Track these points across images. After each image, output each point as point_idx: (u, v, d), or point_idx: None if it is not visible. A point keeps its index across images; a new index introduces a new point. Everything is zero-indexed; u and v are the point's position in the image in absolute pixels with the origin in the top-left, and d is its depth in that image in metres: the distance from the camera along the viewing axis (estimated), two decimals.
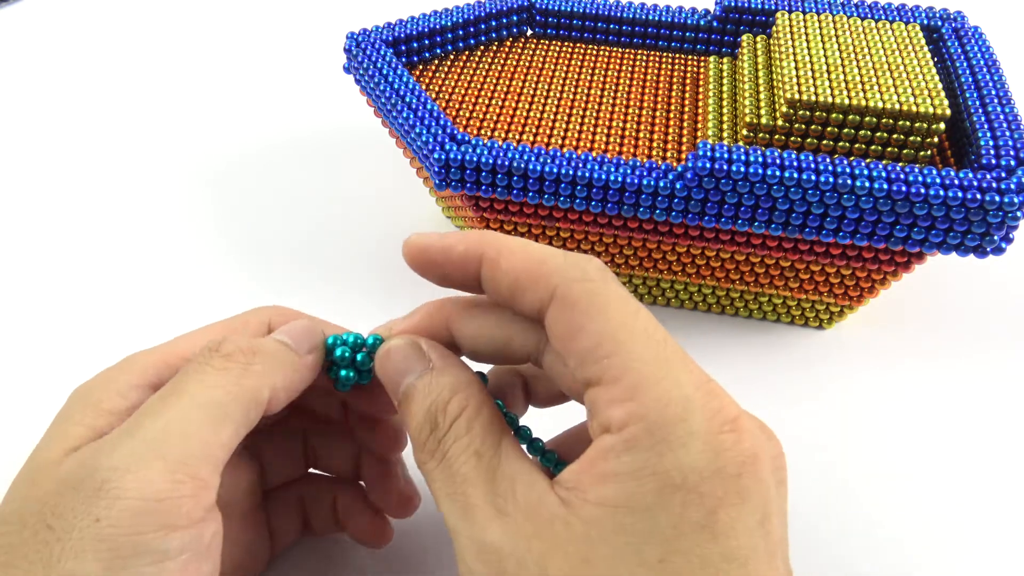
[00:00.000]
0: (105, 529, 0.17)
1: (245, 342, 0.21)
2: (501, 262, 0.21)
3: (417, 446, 0.21)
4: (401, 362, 0.22)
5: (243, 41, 0.61)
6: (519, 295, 0.20)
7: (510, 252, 0.21)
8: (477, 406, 0.21)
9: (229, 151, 0.50)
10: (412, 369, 0.22)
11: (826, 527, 0.30)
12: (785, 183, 0.29)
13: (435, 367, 0.21)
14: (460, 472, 0.20)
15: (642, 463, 0.18)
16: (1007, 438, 0.33)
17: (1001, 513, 0.30)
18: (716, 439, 0.18)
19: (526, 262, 0.20)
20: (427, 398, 0.21)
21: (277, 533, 0.26)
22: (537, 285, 0.20)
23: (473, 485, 0.19)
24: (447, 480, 0.20)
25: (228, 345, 0.21)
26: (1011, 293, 0.40)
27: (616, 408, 0.18)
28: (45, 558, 0.17)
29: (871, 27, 0.35)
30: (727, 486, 0.18)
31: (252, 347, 0.21)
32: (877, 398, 0.35)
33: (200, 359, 0.21)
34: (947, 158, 0.34)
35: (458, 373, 0.21)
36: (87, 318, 0.38)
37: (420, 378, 0.21)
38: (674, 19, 0.42)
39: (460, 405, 0.21)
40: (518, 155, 0.32)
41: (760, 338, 0.38)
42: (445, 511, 0.20)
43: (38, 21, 0.64)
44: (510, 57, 0.41)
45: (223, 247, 0.42)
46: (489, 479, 0.19)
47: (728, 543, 0.17)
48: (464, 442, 0.20)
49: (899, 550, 0.29)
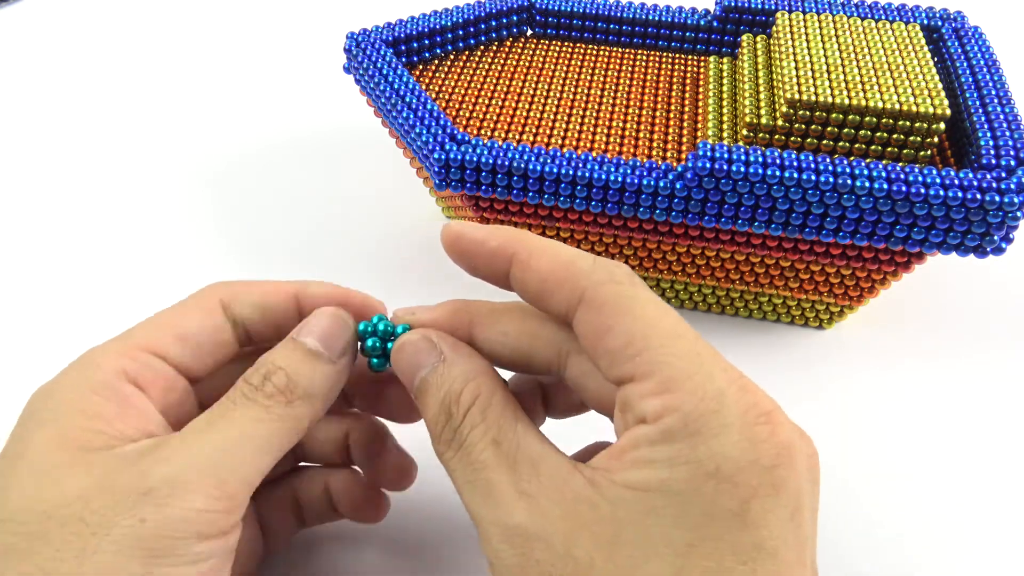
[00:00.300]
0: (148, 530, 0.18)
1: (281, 378, 0.22)
2: (531, 263, 0.21)
3: (434, 437, 0.21)
4: (413, 356, 0.22)
5: (243, 41, 0.62)
6: (547, 297, 0.21)
7: (540, 253, 0.21)
8: (489, 392, 0.21)
9: (229, 151, 0.50)
10: (424, 363, 0.22)
11: (826, 527, 0.30)
12: (785, 183, 0.29)
13: (446, 359, 0.22)
14: (479, 459, 0.20)
15: (676, 451, 0.18)
16: (1007, 438, 0.33)
17: (1001, 513, 0.30)
18: (751, 430, 0.18)
19: (555, 264, 0.21)
20: (440, 390, 0.21)
21: (271, 530, 0.26)
22: (565, 288, 0.20)
23: (494, 470, 0.20)
24: (466, 468, 0.20)
25: (269, 386, 0.21)
26: (1011, 293, 0.40)
27: (651, 401, 0.19)
28: (78, 549, 0.18)
29: (871, 27, 0.35)
30: (762, 477, 0.18)
31: (291, 384, 0.22)
32: (877, 398, 0.35)
33: (244, 393, 0.21)
34: (947, 158, 0.34)
35: (469, 362, 0.22)
36: (87, 318, 0.38)
37: (433, 371, 0.22)
38: (674, 19, 0.42)
39: (473, 393, 0.21)
40: (518, 155, 0.32)
41: (760, 338, 0.38)
42: (467, 499, 0.20)
43: (38, 21, 0.64)
44: (510, 57, 0.41)
45: (223, 247, 0.42)
46: (510, 463, 0.20)
47: (759, 533, 0.18)
48: (480, 429, 0.20)
49: (899, 550, 0.29)
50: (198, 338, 0.23)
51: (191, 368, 0.23)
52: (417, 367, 0.22)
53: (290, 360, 0.22)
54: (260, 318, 0.24)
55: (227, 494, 0.19)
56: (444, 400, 0.21)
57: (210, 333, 0.23)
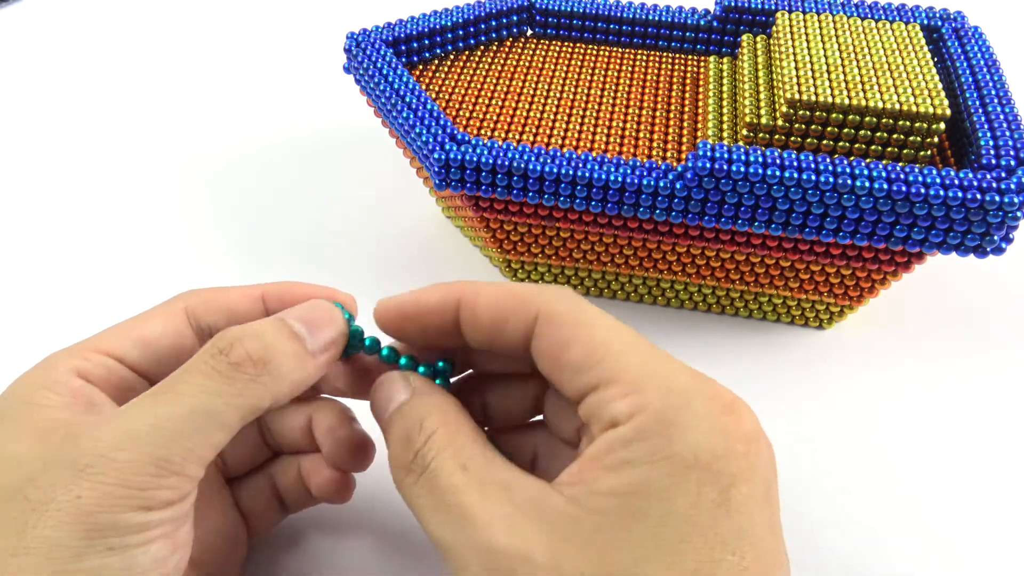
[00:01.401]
0: (86, 505, 0.18)
1: (257, 347, 0.21)
2: (480, 299, 0.22)
3: (395, 465, 0.21)
4: (388, 392, 0.23)
5: (243, 41, 0.62)
6: (501, 326, 0.21)
7: (485, 289, 0.22)
8: (455, 423, 0.21)
9: (229, 151, 0.50)
10: (395, 398, 0.22)
11: (825, 527, 0.30)
12: (785, 183, 0.29)
13: (415, 393, 0.22)
14: (449, 482, 0.20)
15: (654, 448, 0.18)
16: (1007, 438, 0.33)
17: (1001, 513, 0.30)
18: (721, 420, 0.19)
19: (504, 294, 0.21)
20: (403, 421, 0.22)
21: (254, 517, 0.26)
22: (519, 312, 0.21)
23: (466, 493, 0.19)
24: (433, 493, 0.20)
25: (238, 351, 0.21)
26: (1011, 293, 0.40)
27: (619, 403, 0.19)
28: (19, 525, 0.18)
29: (871, 27, 0.35)
30: (739, 463, 0.18)
31: (263, 356, 0.21)
32: (877, 398, 0.35)
33: (207, 360, 0.21)
34: (947, 158, 0.34)
35: (436, 396, 0.22)
36: (87, 318, 0.38)
37: (399, 407, 0.22)
38: (674, 19, 0.42)
39: (436, 423, 0.21)
40: (518, 155, 0.32)
41: (760, 338, 0.38)
42: (436, 527, 0.20)
43: (38, 21, 0.64)
44: (510, 57, 0.41)
45: (223, 247, 0.42)
46: (481, 486, 0.20)
47: (741, 519, 0.18)
48: (448, 454, 0.20)
49: (899, 550, 0.29)
50: (159, 343, 0.23)
51: (154, 374, 0.23)
52: (388, 402, 0.23)
53: (270, 333, 0.21)
54: (227, 324, 0.24)
55: (170, 470, 0.19)
56: (407, 426, 0.21)
57: (171, 339, 0.23)
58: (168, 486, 0.19)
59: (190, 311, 0.24)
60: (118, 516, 0.18)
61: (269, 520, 0.27)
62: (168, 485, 0.19)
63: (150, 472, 0.19)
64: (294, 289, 0.25)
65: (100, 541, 0.18)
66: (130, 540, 0.19)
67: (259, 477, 0.27)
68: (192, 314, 0.24)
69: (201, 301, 0.24)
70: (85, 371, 0.22)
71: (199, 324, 0.24)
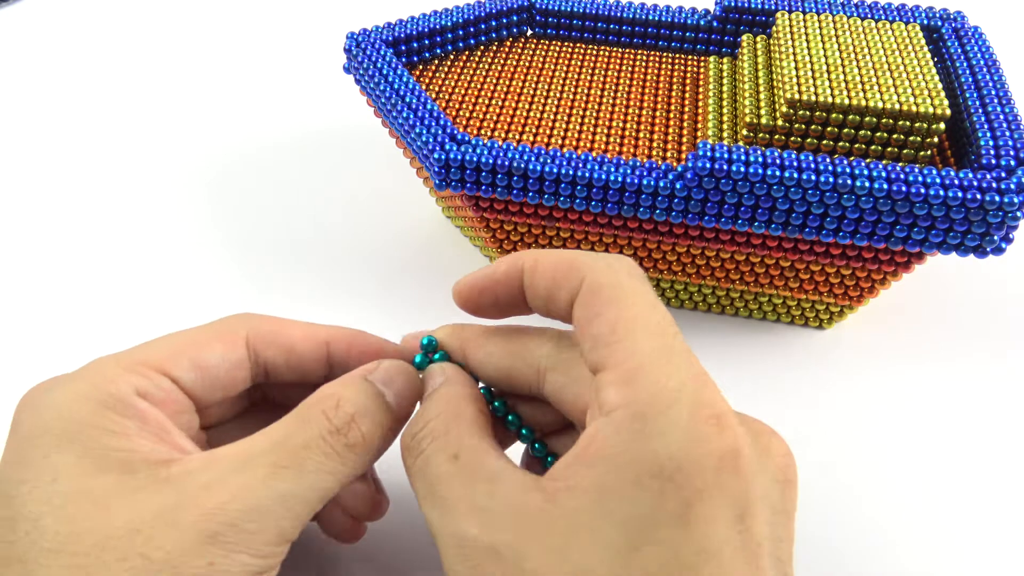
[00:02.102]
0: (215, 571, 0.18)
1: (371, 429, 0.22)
2: (539, 267, 0.22)
3: (401, 446, 0.22)
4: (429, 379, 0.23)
5: (243, 41, 0.61)
6: (555, 293, 0.21)
7: (546, 256, 0.22)
8: (456, 410, 0.22)
9: (229, 151, 0.50)
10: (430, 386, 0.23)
11: (825, 527, 0.30)
12: (785, 183, 0.29)
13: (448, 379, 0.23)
14: (437, 472, 0.20)
15: (625, 447, 0.18)
16: (1007, 438, 0.33)
17: (1001, 513, 0.30)
18: (697, 429, 0.18)
19: (559, 262, 0.21)
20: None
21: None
22: (569, 279, 0.21)
23: (449, 485, 0.20)
24: (425, 480, 0.20)
25: (355, 433, 0.21)
26: (1011, 293, 0.40)
27: (612, 390, 0.19)
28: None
29: (871, 27, 0.35)
30: (706, 478, 0.18)
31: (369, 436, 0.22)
32: (877, 398, 0.35)
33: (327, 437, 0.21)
34: (947, 158, 0.34)
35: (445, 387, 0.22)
36: (86, 318, 0.38)
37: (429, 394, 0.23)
38: (674, 19, 0.42)
39: (438, 409, 0.21)
40: (518, 155, 0.32)
41: (760, 338, 0.38)
42: (425, 511, 0.20)
43: (38, 21, 0.64)
44: (510, 57, 0.41)
45: (223, 247, 0.42)
46: (468, 478, 0.20)
47: (700, 537, 0.17)
48: (441, 443, 0.21)
49: (899, 551, 0.29)
50: (216, 371, 0.23)
51: (201, 397, 0.23)
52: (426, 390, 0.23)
53: (371, 409, 0.22)
54: (284, 362, 0.24)
55: (286, 539, 0.20)
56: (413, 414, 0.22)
57: (228, 368, 0.23)
58: (281, 552, 0.20)
59: (251, 343, 0.23)
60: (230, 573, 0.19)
61: None
62: (281, 552, 0.20)
63: (273, 542, 0.20)
64: (362, 340, 0.25)
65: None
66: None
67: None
68: (252, 346, 0.23)
69: (264, 334, 0.24)
70: (145, 391, 0.21)
71: (256, 356, 0.24)
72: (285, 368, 0.24)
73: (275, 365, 0.24)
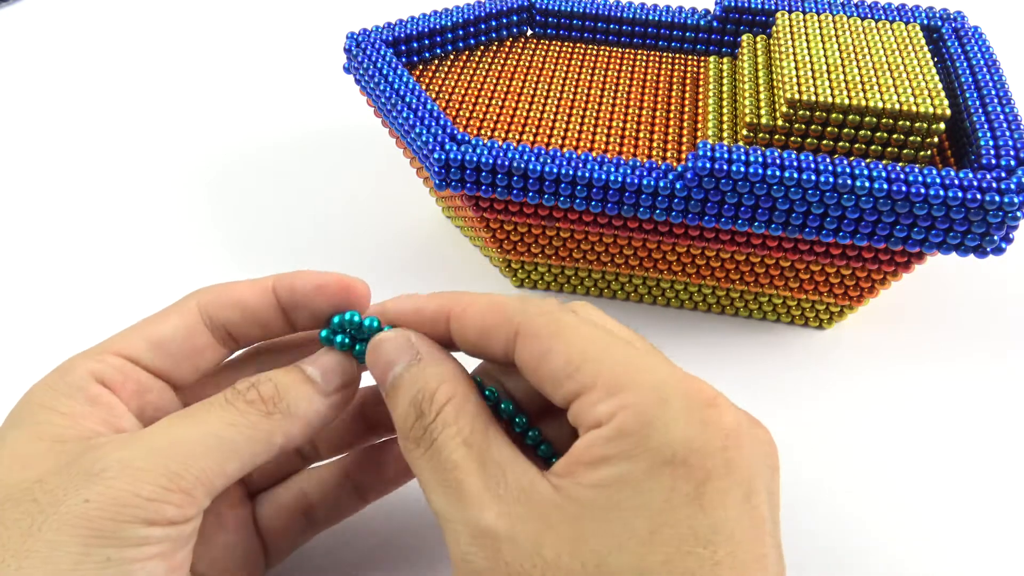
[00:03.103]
0: (91, 510, 0.18)
1: (269, 388, 0.22)
2: (467, 314, 0.22)
3: (402, 434, 0.22)
4: (390, 353, 0.23)
5: (243, 41, 0.61)
6: (486, 341, 0.22)
7: (472, 303, 0.22)
8: (464, 396, 0.21)
9: (229, 151, 0.50)
10: (400, 360, 0.22)
11: (825, 526, 0.30)
12: (785, 183, 0.29)
13: (423, 358, 0.22)
14: (451, 459, 0.20)
15: (632, 444, 0.19)
16: (1007, 438, 0.33)
17: (1001, 513, 0.30)
18: (699, 415, 0.19)
19: (487, 309, 0.22)
20: (413, 387, 0.22)
21: (274, 536, 0.26)
22: (501, 328, 0.22)
23: (465, 472, 0.20)
24: (436, 468, 0.20)
25: (251, 392, 0.22)
26: (1011, 293, 0.40)
27: (601, 406, 0.19)
28: (25, 527, 0.18)
29: (871, 27, 0.35)
30: (714, 459, 0.19)
31: (276, 394, 0.22)
32: (877, 398, 0.35)
33: (224, 397, 0.22)
34: (947, 158, 0.34)
35: (446, 365, 0.22)
36: (87, 318, 0.38)
37: (407, 369, 0.22)
38: (674, 19, 0.42)
39: (447, 394, 0.21)
40: (518, 155, 0.32)
41: (760, 338, 0.38)
42: (435, 499, 0.20)
43: (38, 21, 0.64)
44: (510, 57, 0.41)
45: (223, 247, 0.42)
46: (480, 465, 0.20)
47: (716, 515, 0.18)
48: (453, 430, 0.21)
49: (899, 550, 0.29)
50: (173, 343, 0.23)
51: (169, 373, 0.23)
52: (391, 364, 0.22)
53: (283, 377, 0.23)
54: (240, 318, 0.24)
55: (180, 488, 0.19)
56: (416, 397, 0.21)
57: (185, 338, 0.23)
58: (174, 502, 0.19)
59: (203, 308, 0.24)
60: (121, 525, 0.19)
61: (292, 540, 0.26)
62: (174, 501, 0.19)
63: (161, 484, 0.19)
64: (303, 277, 0.24)
65: (99, 550, 0.18)
66: (128, 554, 0.19)
67: (283, 491, 0.26)
68: (205, 311, 0.24)
69: (213, 297, 0.24)
70: (101, 374, 0.22)
71: (213, 321, 0.24)
72: (242, 323, 0.24)
73: (232, 323, 0.24)
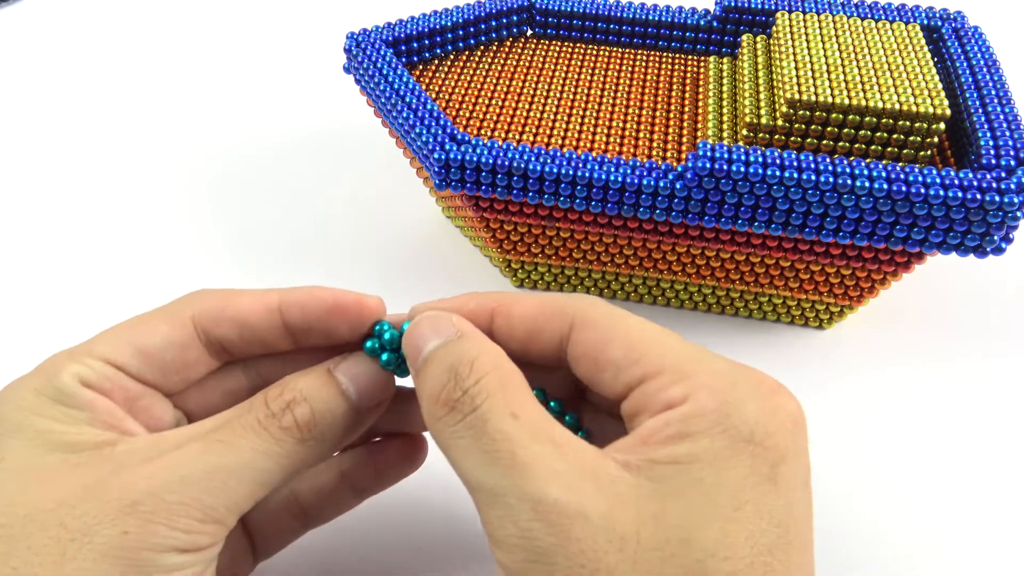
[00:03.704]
0: (131, 541, 0.18)
1: (305, 413, 0.21)
2: (514, 309, 0.22)
3: (433, 400, 0.20)
4: (428, 331, 0.21)
5: (243, 41, 0.61)
6: (536, 334, 0.22)
7: (519, 299, 0.22)
8: (510, 371, 0.20)
9: (229, 151, 0.50)
10: (439, 335, 0.21)
11: (825, 526, 0.30)
12: (785, 183, 0.29)
13: (464, 335, 0.21)
14: (501, 428, 0.19)
15: (713, 422, 0.19)
16: (1007, 438, 0.33)
17: (1001, 514, 0.30)
18: (769, 401, 0.20)
19: (538, 304, 0.22)
20: (448, 357, 0.20)
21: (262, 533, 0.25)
22: (554, 320, 0.22)
23: (519, 443, 0.19)
24: (480, 436, 0.19)
25: (287, 418, 0.21)
26: (1011, 293, 0.40)
27: (672, 389, 0.20)
28: (57, 554, 0.18)
29: (871, 27, 0.35)
30: (787, 441, 0.19)
31: (312, 420, 0.21)
32: (877, 398, 0.35)
33: (260, 419, 0.21)
34: (947, 158, 0.34)
35: (489, 343, 0.21)
36: (87, 318, 0.38)
37: (443, 345, 0.21)
38: (674, 19, 0.42)
39: (491, 363, 0.20)
40: (518, 155, 0.32)
41: (760, 338, 0.38)
42: (478, 470, 0.19)
43: (38, 21, 0.64)
44: (510, 57, 0.41)
45: (222, 247, 0.42)
46: (534, 439, 0.19)
47: (788, 496, 0.19)
48: (500, 399, 0.19)
49: (898, 550, 0.29)
50: (161, 356, 0.22)
51: (157, 383, 0.22)
52: (427, 339, 0.21)
53: (320, 396, 0.21)
54: (239, 336, 0.22)
55: (213, 518, 0.19)
56: (453, 364, 0.20)
57: (176, 351, 0.22)
58: (208, 532, 0.19)
59: (198, 322, 0.22)
60: (157, 556, 0.19)
61: (282, 537, 0.26)
62: (208, 532, 0.19)
63: (196, 517, 0.19)
64: (314, 295, 0.23)
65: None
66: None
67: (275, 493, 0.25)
68: (200, 325, 0.22)
69: (210, 310, 0.22)
70: (87, 378, 0.21)
71: (208, 336, 0.22)
72: (241, 343, 0.23)
73: (230, 341, 0.22)
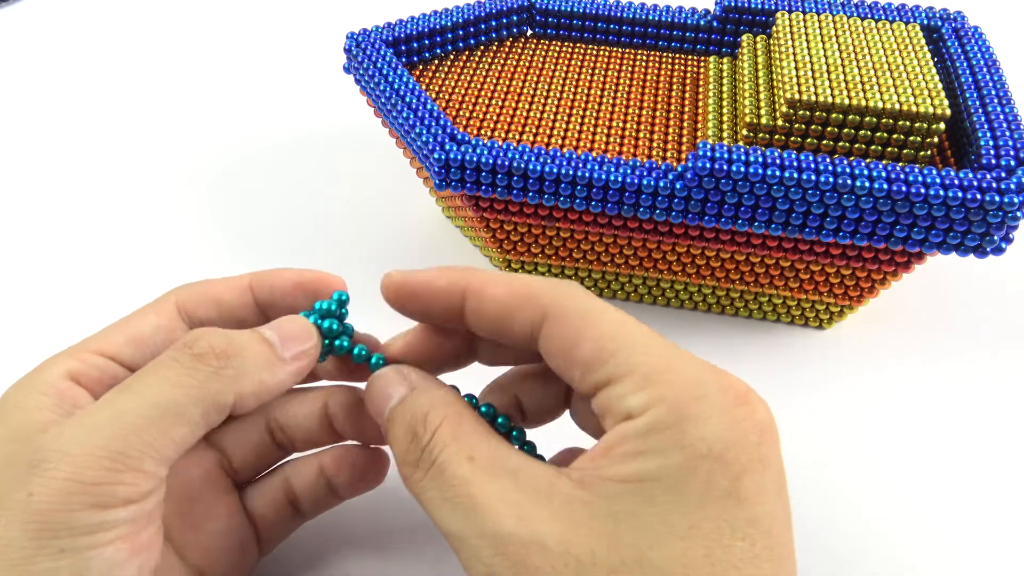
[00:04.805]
0: (37, 503, 0.18)
1: (221, 341, 0.21)
2: (487, 291, 0.22)
3: (400, 461, 0.21)
4: (384, 388, 0.23)
5: (243, 41, 0.62)
6: (507, 320, 0.21)
7: (494, 281, 0.22)
8: (457, 416, 0.21)
9: (229, 151, 0.50)
10: (393, 394, 0.22)
11: (825, 526, 0.30)
12: (785, 183, 0.29)
13: (415, 389, 0.22)
14: (456, 474, 0.20)
15: (668, 439, 0.18)
16: (1007, 438, 0.33)
17: (1001, 514, 0.30)
18: (734, 411, 0.19)
19: (512, 288, 0.21)
20: (406, 416, 0.22)
21: (265, 523, 0.26)
22: (527, 307, 0.21)
23: (474, 484, 0.19)
24: (442, 486, 0.20)
25: (201, 344, 0.21)
26: (1011, 293, 0.40)
27: (634, 397, 0.19)
28: None
29: (871, 27, 0.35)
30: (750, 453, 0.19)
31: (227, 349, 0.21)
32: (877, 398, 0.35)
33: (170, 354, 0.21)
34: (947, 158, 0.34)
35: (436, 392, 0.22)
36: (86, 318, 0.38)
37: (400, 403, 0.22)
38: (674, 19, 0.42)
39: (440, 416, 0.21)
40: (518, 155, 0.32)
41: (760, 338, 0.38)
42: (446, 519, 0.20)
43: (38, 21, 0.64)
44: (510, 57, 0.41)
45: (222, 247, 0.42)
46: (489, 476, 0.19)
47: (753, 509, 0.18)
48: (453, 448, 0.20)
49: (898, 550, 0.29)
50: (152, 340, 0.23)
51: None
52: (386, 399, 0.22)
53: (237, 334, 0.22)
54: (217, 315, 0.24)
55: (128, 465, 0.19)
56: (410, 423, 0.21)
57: (164, 335, 0.23)
58: (125, 482, 0.18)
59: (181, 306, 0.24)
60: (71, 515, 0.18)
61: (283, 527, 0.26)
62: (125, 481, 0.18)
63: (105, 466, 0.18)
64: (280, 275, 0.25)
65: (51, 542, 0.18)
66: (82, 542, 0.18)
67: (271, 480, 0.26)
68: (183, 308, 0.24)
69: (191, 294, 0.24)
70: (78, 372, 0.22)
71: (191, 318, 0.24)
72: (220, 320, 0.24)
73: (210, 320, 0.24)
